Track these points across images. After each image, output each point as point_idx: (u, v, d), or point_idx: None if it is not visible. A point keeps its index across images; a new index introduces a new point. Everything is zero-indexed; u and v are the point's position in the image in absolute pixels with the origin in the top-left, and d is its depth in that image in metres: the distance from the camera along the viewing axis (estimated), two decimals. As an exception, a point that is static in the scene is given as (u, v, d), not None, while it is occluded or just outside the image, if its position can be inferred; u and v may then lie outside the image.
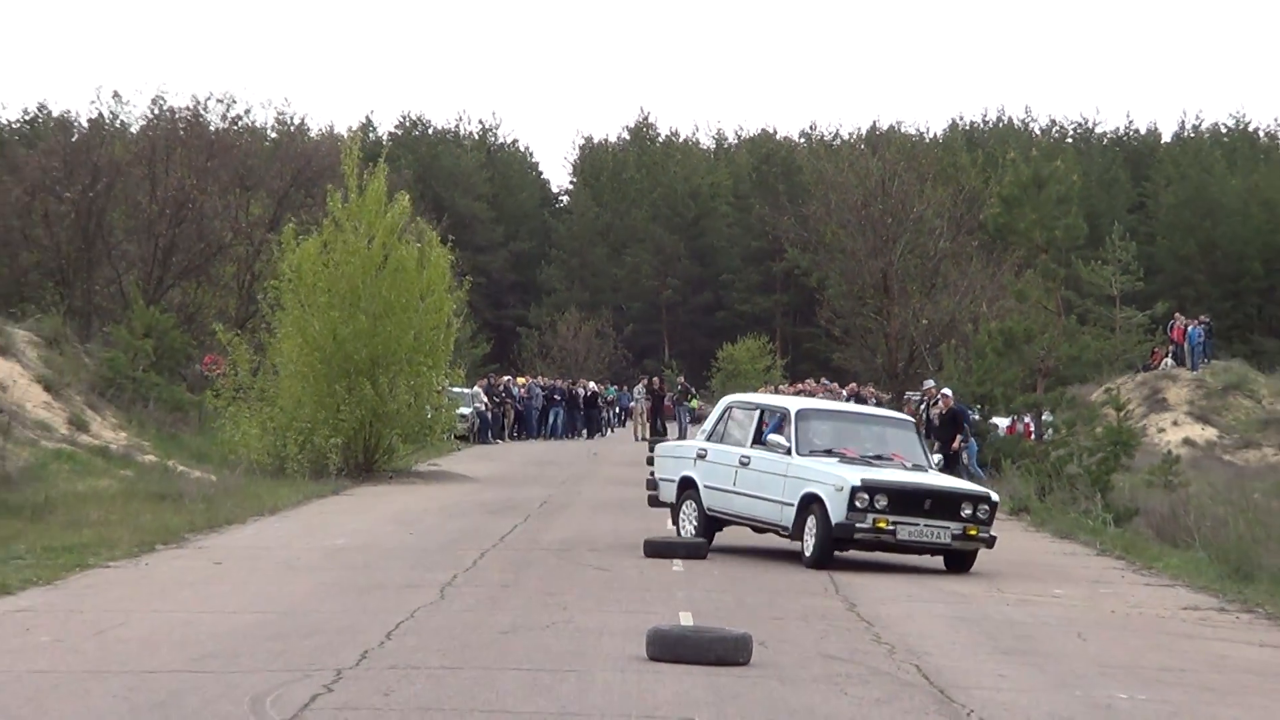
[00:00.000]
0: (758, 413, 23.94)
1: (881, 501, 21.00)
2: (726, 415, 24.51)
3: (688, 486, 24.01)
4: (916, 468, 22.43)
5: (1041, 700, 12.96)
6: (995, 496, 22.55)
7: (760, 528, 23.29)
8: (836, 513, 21.04)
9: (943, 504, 21.44)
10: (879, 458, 22.33)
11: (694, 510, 23.81)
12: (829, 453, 22.22)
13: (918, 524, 21.17)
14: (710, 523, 23.60)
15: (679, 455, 25.27)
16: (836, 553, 21.77)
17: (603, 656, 14.29)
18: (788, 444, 22.19)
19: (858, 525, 20.92)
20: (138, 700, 12.07)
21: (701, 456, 23.96)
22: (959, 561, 21.94)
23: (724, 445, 23.83)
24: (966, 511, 21.36)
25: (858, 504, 20.93)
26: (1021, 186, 52.29)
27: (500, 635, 15.27)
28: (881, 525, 20.93)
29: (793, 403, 25.32)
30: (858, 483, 21.08)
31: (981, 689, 13.24)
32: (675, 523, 24.42)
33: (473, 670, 13.53)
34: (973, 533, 21.34)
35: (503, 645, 14.80)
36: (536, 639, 15.14)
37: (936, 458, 23.81)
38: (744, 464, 22.88)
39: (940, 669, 14.14)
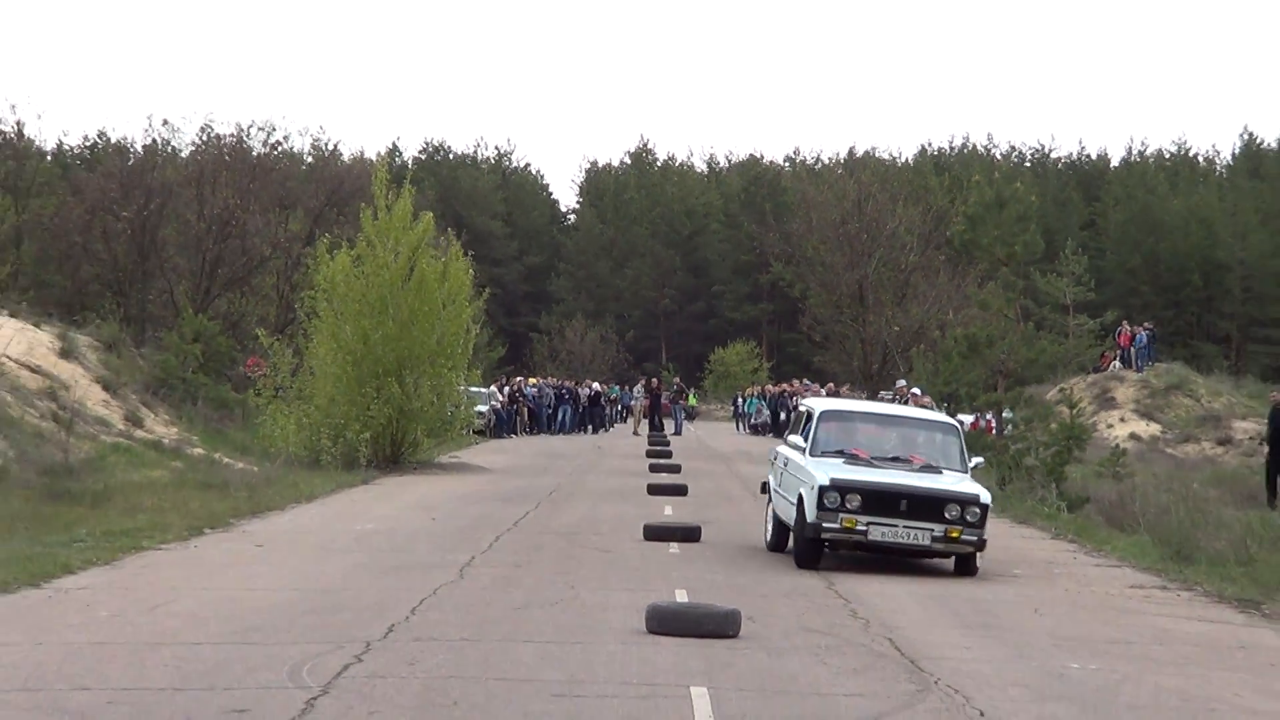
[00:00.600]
0: (805, 416, 22.10)
1: (854, 501, 18.93)
2: (803, 420, 22.21)
3: (765, 491, 22.78)
4: (928, 470, 19.92)
5: (1002, 669, 12.99)
6: (986, 498, 19.35)
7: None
8: (810, 512, 19.19)
9: (922, 506, 18.95)
10: (896, 460, 20.14)
11: (769, 514, 22.26)
12: (840, 453, 20.23)
13: (895, 525, 18.92)
14: (779, 528, 21.53)
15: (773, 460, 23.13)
16: (832, 552, 19.92)
17: (607, 630, 14.31)
18: (804, 444, 20.61)
19: (825, 525, 18.95)
20: (187, 669, 12.08)
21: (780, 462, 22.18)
22: (963, 564, 19.71)
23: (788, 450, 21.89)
24: (952, 513, 18.86)
25: (827, 503, 18.92)
26: (984, 206, 52.26)
27: (514, 611, 15.28)
28: (850, 525, 18.87)
29: (821, 404, 23.11)
30: (826, 481, 19.08)
31: (948, 659, 13.27)
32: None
33: (490, 642, 13.54)
34: (954, 535, 18.87)
35: (516, 620, 14.81)
36: (547, 614, 15.15)
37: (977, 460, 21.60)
38: (784, 467, 21.42)
39: (911, 641, 14.17)
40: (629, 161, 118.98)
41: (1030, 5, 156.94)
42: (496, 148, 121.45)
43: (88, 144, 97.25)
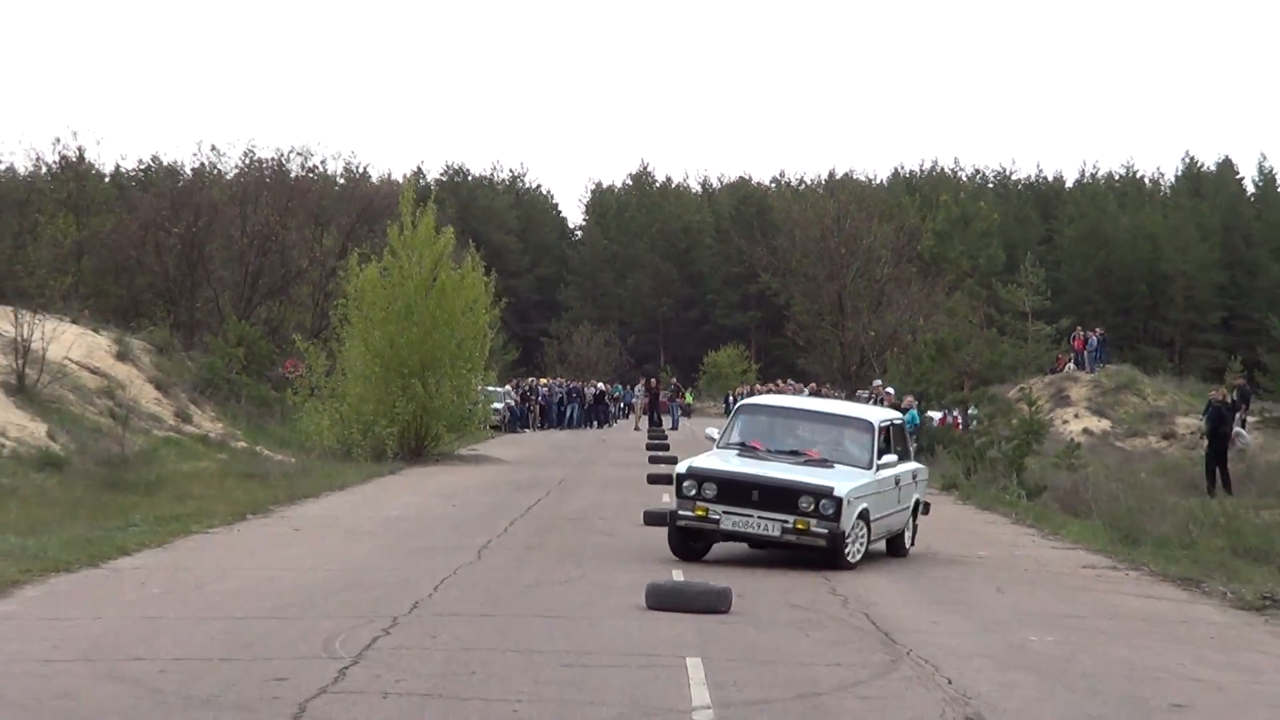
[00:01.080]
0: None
1: (710, 490, 17.31)
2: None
3: None
4: (816, 464, 17.85)
5: (967, 641, 12.99)
6: (842, 491, 17.15)
7: None
8: (673, 500, 18.22)
9: (774, 496, 17.16)
10: (793, 453, 18.14)
11: None
12: (742, 445, 18.47)
13: (750, 515, 17.15)
14: None
15: None
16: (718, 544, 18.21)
17: (610, 606, 14.31)
18: (715, 437, 19.12)
19: (681, 513, 17.52)
20: (231, 641, 12.09)
21: None
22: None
23: None
24: (805, 505, 17.00)
25: (685, 492, 17.44)
26: (951, 223, 52.55)
27: (526, 589, 15.29)
28: (702, 514, 17.28)
29: (749, 399, 22.10)
30: (683, 470, 17.77)
31: (918, 633, 13.27)
32: None
33: (504, 617, 13.55)
34: (802, 526, 16.98)
35: (529, 597, 14.81)
36: (556, 591, 15.15)
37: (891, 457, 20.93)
38: None
39: (885, 616, 14.17)
40: (630, 183, 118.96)
41: (994, 43, 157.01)
42: (511, 170, 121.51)
43: (142, 167, 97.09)
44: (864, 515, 17.60)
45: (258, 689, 10.18)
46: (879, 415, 19.79)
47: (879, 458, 18.26)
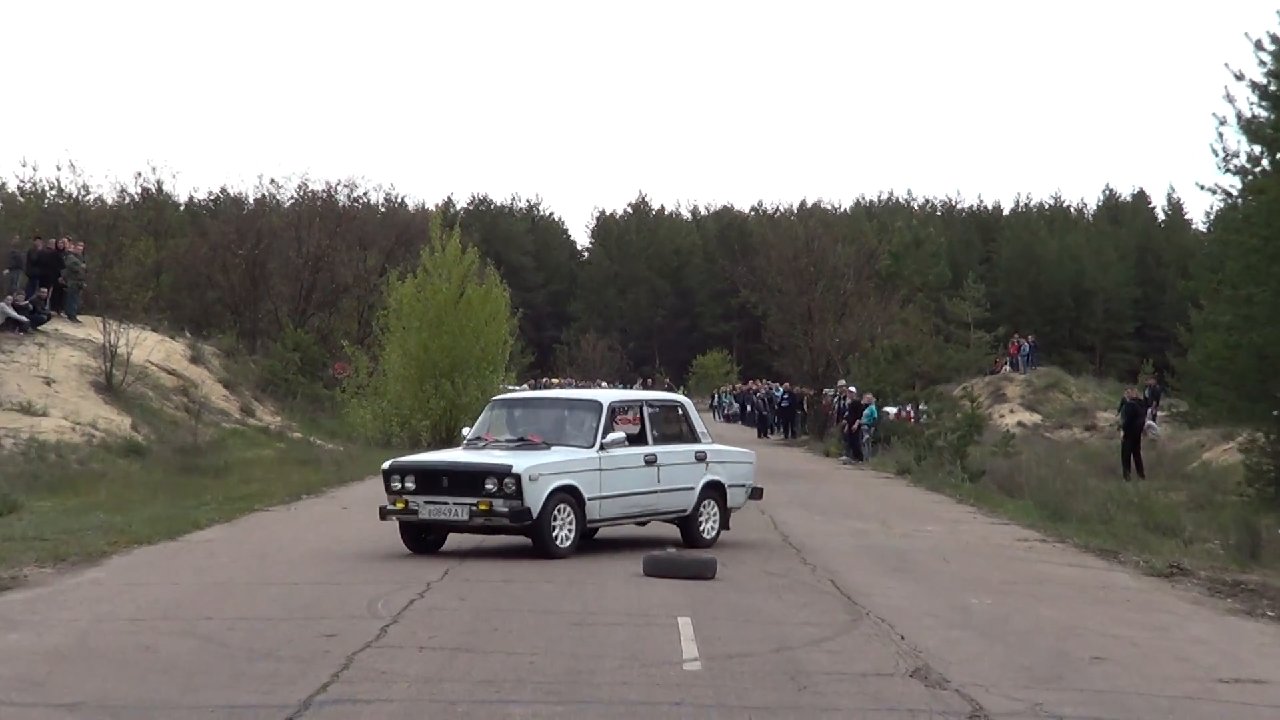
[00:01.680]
0: None
1: (410, 481, 15.27)
2: None
3: None
4: (534, 447, 15.55)
5: (917, 603, 13.00)
6: (520, 468, 14.83)
7: None
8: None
9: (462, 481, 15.06)
10: (521, 440, 15.73)
11: None
12: (478, 439, 16.23)
13: (445, 502, 15.02)
14: None
15: None
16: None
17: (613, 573, 14.32)
18: (467, 433, 16.97)
19: (387, 507, 15.49)
20: (290, 603, 12.10)
21: None
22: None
23: None
24: (491, 486, 14.81)
25: (390, 486, 15.42)
26: (904, 245, 52.49)
27: (542, 558, 15.29)
28: (402, 505, 15.22)
29: (498, 396, 19.43)
30: (386, 466, 15.86)
31: (876, 596, 13.27)
32: None
33: (523, 582, 13.56)
34: (484, 507, 14.75)
35: (544, 565, 14.81)
36: (567, 561, 15.13)
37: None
38: None
39: (847, 582, 14.17)
40: (630, 211, 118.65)
41: (942, 90, 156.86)
42: (527, 200, 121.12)
43: (211, 197, 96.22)
44: (570, 492, 15.18)
45: (311, 644, 10.19)
46: (613, 396, 17.15)
47: (603, 436, 15.67)
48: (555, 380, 69.37)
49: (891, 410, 39.12)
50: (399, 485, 15.31)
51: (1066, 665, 10.26)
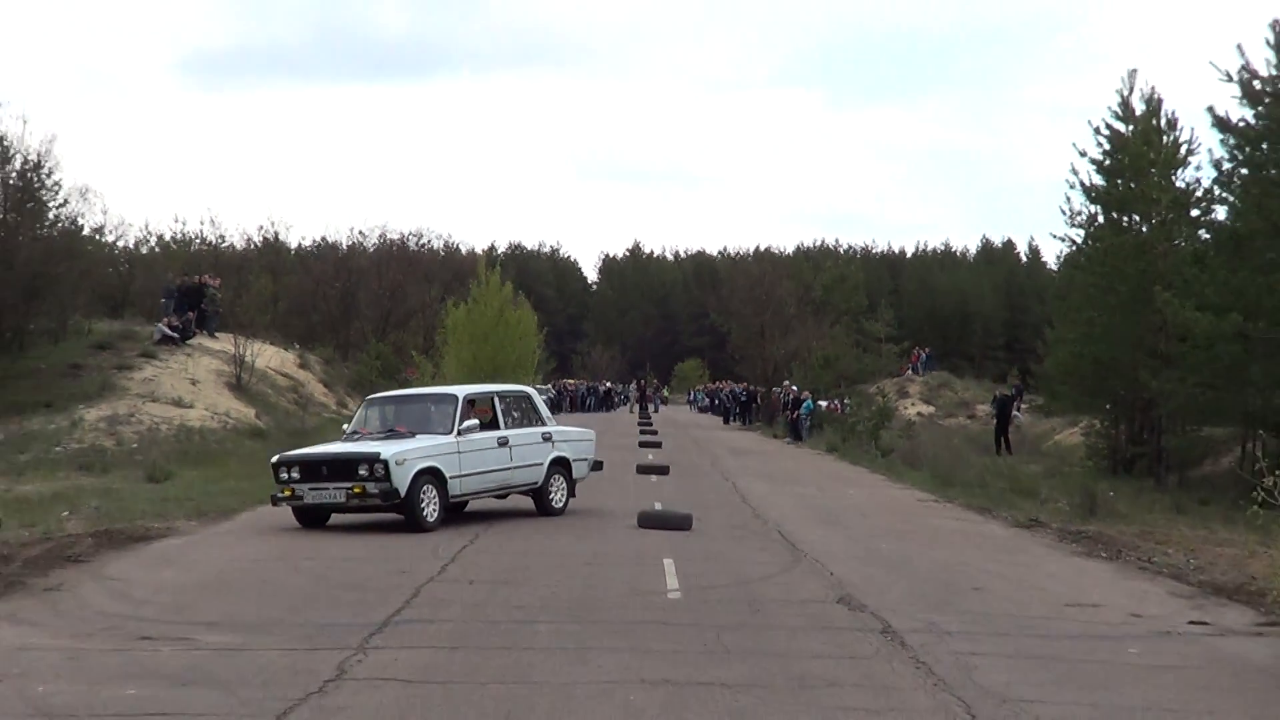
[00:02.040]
0: None
1: (295, 472, 13.42)
2: None
3: None
4: (400, 436, 13.86)
5: (842, 548, 12.97)
6: (388, 455, 13.10)
7: None
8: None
9: (337, 469, 13.27)
10: (391, 431, 14.04)
11: None
12: (355, 433, 14.46)
13: (326, 487, 13.25)
14: None
15: None
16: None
17: (614, 526, 14.30)
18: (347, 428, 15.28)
19: (276, 495, 13.56)
20: (373, 549, 11.98)
21: None
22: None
23: None
24: (362, 471, 13.10)
25: (280, 476, 13.51)
26: (833, 281, 52.54)
27: (558, 516, 15.27)
28: (288, 494, 13.42)
29: (372, 395, 16.73)
30: (275, 460, 13.84)
31: (811, 542, 13.25)
32: None
33: (547, 532, 13.55)
34: (358, 490, 13.07)
35: (559, 521, 14.81)
36: (579, 517, 15.11)
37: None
38: None
39: (790, 531, 14.15)
40: (628, 254, 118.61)
41: (860, 163, 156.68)
42: (550, 246, 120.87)
43: (315, 243, 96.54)
44: (433, 473, 13.51)
45: (389, 579, 10.17)
46: (469, 390, 15.16)
47: (460, 424, 14.02)
48: (571, 381, 69.18)
49: (824, 403, 39.11)
50: (286, 475, 13.45)
51: (953, 593, 10.27)
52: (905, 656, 7.72)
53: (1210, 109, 19.76)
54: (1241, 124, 19.13)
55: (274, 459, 13.91)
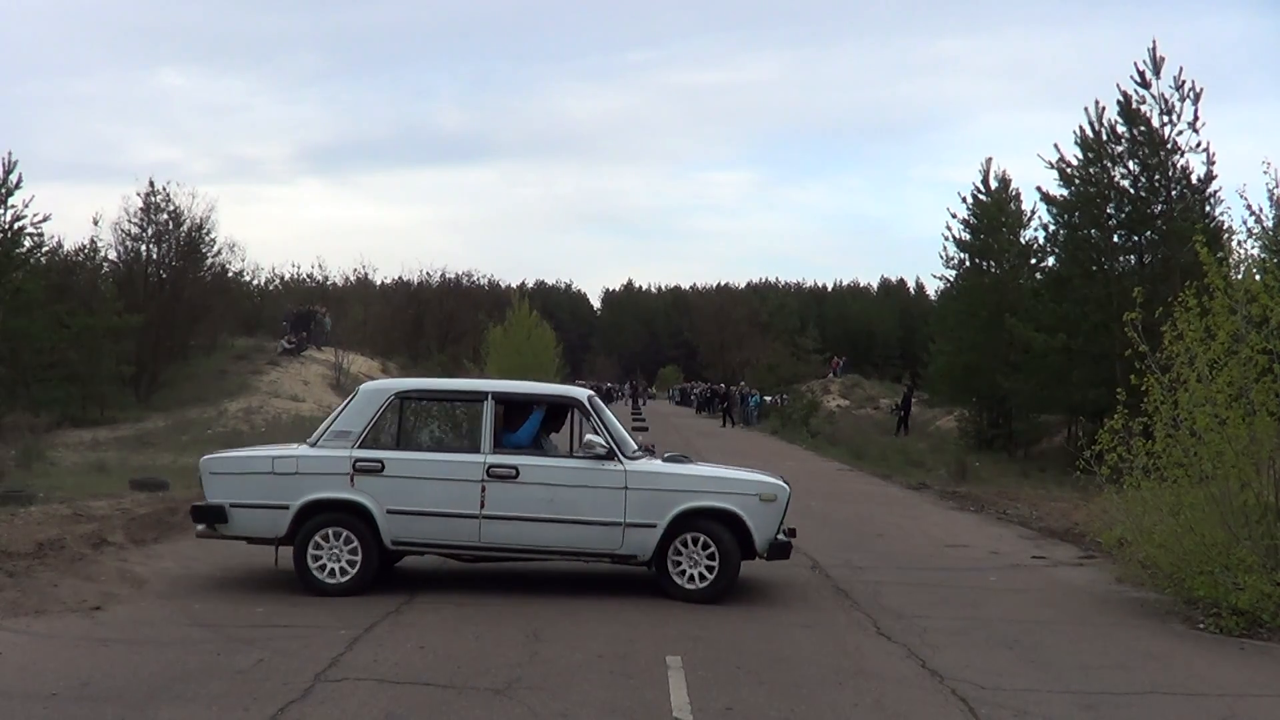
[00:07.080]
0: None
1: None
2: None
3: None
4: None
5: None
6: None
7: None
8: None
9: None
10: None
11: None
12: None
13: None
14: None
15: None
16: None
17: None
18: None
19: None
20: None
21: None
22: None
23: None
24: None
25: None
26: (775, 309, 52.98)
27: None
28: None
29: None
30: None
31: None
32: None
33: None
34: None
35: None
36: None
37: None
38: None
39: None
40: (623, 288, 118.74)
41: (797, 216, 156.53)
42: (566, 282, 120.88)
43: (393, 280, 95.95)
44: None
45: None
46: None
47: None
48: (580, 382, 68.94)
49: (769, 398, 39.18)
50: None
51: (862, 539, 10.34)
52: (830, 585, 7.80)
53: (1039, 188, 20.12)
54: (1061, 198, 19.63)
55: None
